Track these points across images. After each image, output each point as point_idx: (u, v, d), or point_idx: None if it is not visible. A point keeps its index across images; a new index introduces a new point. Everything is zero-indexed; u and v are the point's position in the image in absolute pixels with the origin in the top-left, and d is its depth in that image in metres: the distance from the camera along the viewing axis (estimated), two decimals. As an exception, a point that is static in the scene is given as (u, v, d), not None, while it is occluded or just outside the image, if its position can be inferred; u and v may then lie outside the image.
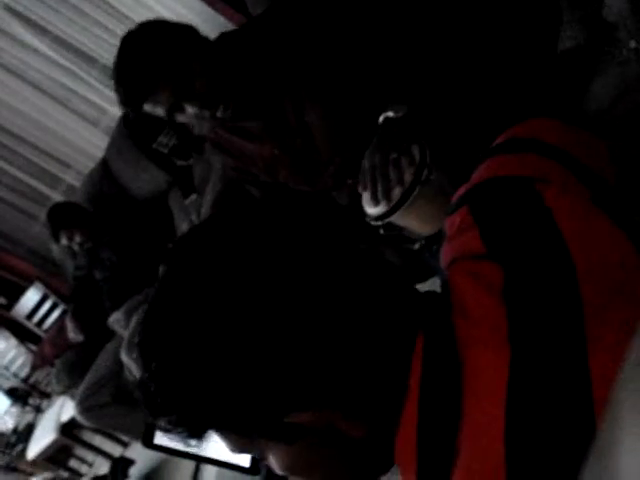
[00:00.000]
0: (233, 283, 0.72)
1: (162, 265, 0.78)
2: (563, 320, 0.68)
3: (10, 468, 6.37)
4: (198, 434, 0.78)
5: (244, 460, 1.87)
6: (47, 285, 5.67)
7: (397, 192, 1.43)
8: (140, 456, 4.84)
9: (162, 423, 0.77)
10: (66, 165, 5.55)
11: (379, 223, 1.47)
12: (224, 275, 0.73)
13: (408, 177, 1.42)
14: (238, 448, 0.82)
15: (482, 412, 0.66)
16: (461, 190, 0.94)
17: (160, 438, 1.80)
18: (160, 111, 1.62)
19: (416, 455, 0.71)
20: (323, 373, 0.72)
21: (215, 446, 1.83)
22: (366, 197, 1.49)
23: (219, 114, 1.63)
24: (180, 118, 1.64)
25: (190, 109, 1.60)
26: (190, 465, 2.28)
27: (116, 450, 5.34)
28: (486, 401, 0.66)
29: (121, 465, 4.64)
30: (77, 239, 4.01)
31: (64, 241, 4.03)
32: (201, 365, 0.71)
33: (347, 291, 0.75)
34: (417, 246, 1.71)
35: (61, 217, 4.04)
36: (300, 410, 0.72)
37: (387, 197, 1.43)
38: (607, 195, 0.85)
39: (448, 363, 0.71)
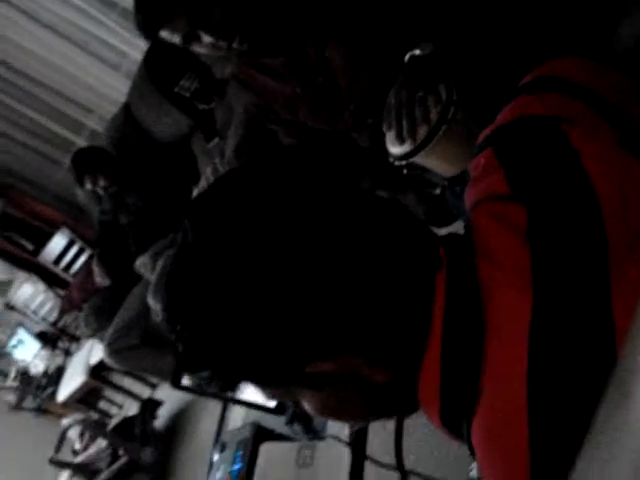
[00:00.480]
0: (257, 230, 0.72)
1: (187, 214, 0.77)
2: (587, 260, 0.67)
3: (41, 410, 6.52)
4: (230, 386, 0.80)
5: (270, 400, 1.90)
6: (73, 230, 5.72)
7: (423, 131, 1.41)
8: (168, 397, 4.93)
9: (195, 378, 0.78)
10: (88, 110, 5.55)
11: (403, 163, 1.46)
12: (248, 222, 0.72)
13: (434, 116, 1.41)
14: (271, 396, 0.83)
15: (505, 352, 0.66)
16: (486, 131, 0.93)
17: (188, 379, 1.83)
18: (177, 39, 1.62)
19: (439, 395, 0.71)
20: (344, 319, 0.72)
21: (243, 386, 1.86)
22: (390, 136, 1.48)
23: (235, 45, 1.62)
24: (196, 48, 1.64)
25: (206, 38, 1.59)
26: (218, 405, 2.32)
27: (145, 392, 5.44)
28: (509, 341, 0.66)
29: (150, 406, 4.72)
30: (101, 183, 4.01)
31: (88, 186, 4.04)
32: (226, 314, 0.72)
33: (366, 235, 0.75)
34: (438, 191, 1.70)
35: (85, 162, 4.03)
36: (322, 359, 0.73)
37: (412, 136, 1.42)
38: (635, 135, 0.83)
39: (471, 304, 0.71)
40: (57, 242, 5.75)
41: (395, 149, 1.47)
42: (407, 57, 1.51)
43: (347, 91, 1.75)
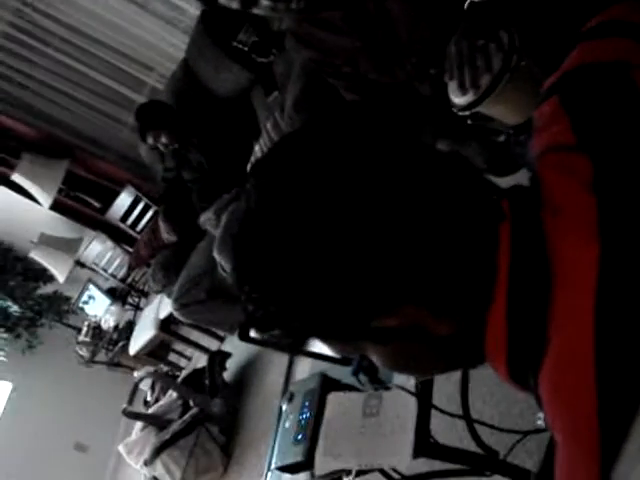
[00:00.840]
0: (320, 189, 0.72)
1: (250, 176, 0.78)
2: None
3: (114, 364, 6.71)
4: (298, 342, 0.81)
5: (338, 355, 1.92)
6: (138, 188, 5.82)
7: (485, 80, 1.39)
8: (236, 349, 5.01)
9: (264, 334, 0.79)
10: (149, 68, 5.59)
11: (466, 113, 1.44)
12: (311, 182, 0.73)
13: (497, 64, 1.38)
14: (339, 351, 0.84)
15: (572, 303, 0.66)
16: (552, 78, 0.90)
17: (256, 333, 1.86)
18: (235, 4, 1.61)
19: (506, 347, 0.71)
20: (406, 269, 0.72)
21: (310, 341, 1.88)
22: (453, 86, 1.45)
23: (293, 6, 1.60)
24: (255, 11, 1.62)
25: (264, 2, 1.58)
26: (285, 357, 2.35)
27: (213, 344, 5.54)
28: (576, 292, 0.66)
29: (218, 358, 4.81)
30: (163, 140, 4.05)
31: (151, 141, 4.08)
32: (293, 273, 0.72)
33: (428, 188, 0.74)
34: (503, 138, 1.67)
35: (148, 117, 4.08)
36: (387, 313, 0.73)
37: (475, 85, 1.39)
38: None
39: (536, 255, 0.70)
40: (123, 200, 5.85)
41: (458, 99, 1.45)
42: (467, 4, 1.48)
43: (408, 42, 1.72)
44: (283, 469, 1.83)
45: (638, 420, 0.38)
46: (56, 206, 6.34)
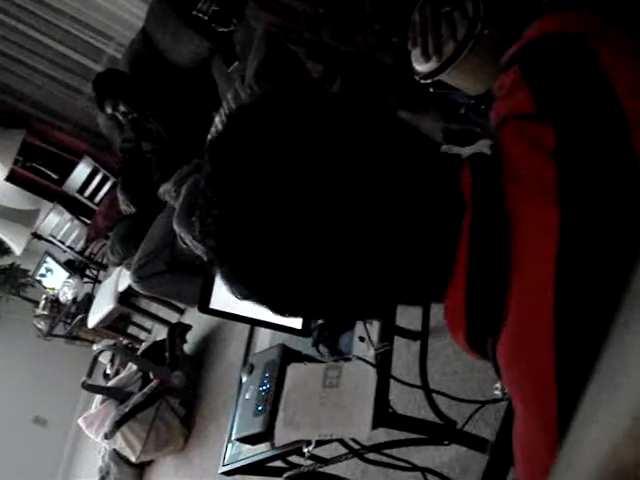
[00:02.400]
0: (276, 157, 0.72)
1: (207, 150, 0.77)
2: (615, 179, 0.66)
3: (72, 337, 6.66)
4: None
5: (297, 323, 1.92)
6: (96, 159, 5.73)
7: (449, 48, 1.38)
8: (196, 322, 5.01)
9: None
10: (107, 37, 5.49)
11: (429, 81, 1.43)
12: (265, 157, 0.72)
13: (461, 32, 1.37)
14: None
15: (532, 270, 0.66)
16: (513, 48, 0.91)
17: (215, 303, 1.86)
18: None
19: (465, 312, 0.72)
20: (366, 235, 0.73)
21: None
22: (416, 54, 1.44)
23: None
24: None
25: None
26: (245, 328, 2.35)
27: (173, 317, 5.53)
28: (536, 259, 0.66)
29: (178, 330, 4.80)
30: (121, 108, 4.00)
31: (108, 110, 4.03)
32: (251, 243, 0.72)
33: (387, 158, 0.74)
34: (463, 110, 1.67)
35: (106, 86, 4.02)
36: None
37: (438, 53, 1.38)
38: None
39: (497, 222, 0.70)
40: (81, 171, 5.76)
41: (421, 67, 1.43)
42: None
43: (371, 10, 1.70)
44: (243, 440, 1.83)
45: (589, 386, 0.38)
46: (12, 177, 6.24)
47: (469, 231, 0.72)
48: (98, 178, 5.72)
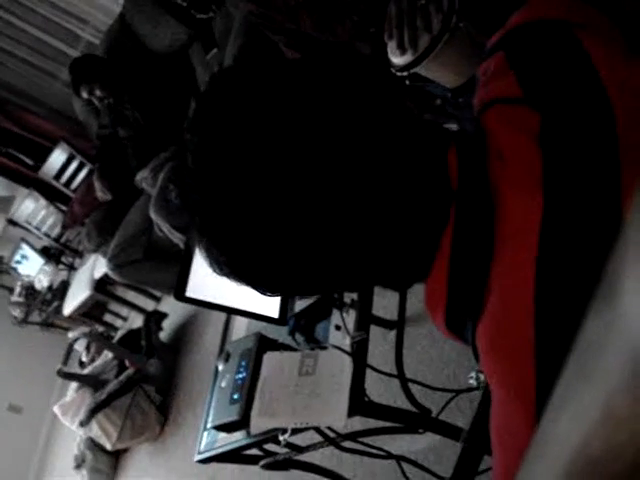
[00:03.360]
0: (260, 119, 0.71)
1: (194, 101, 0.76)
2: (598, 165, 0.67)
3: (48, 324, 6.62)
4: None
5: (273, 311, 1.92)
6: (72, 145, 5.67)
7: (425, 40, 1.38)
8: (173, 310, 5.00)
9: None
10: (84, 21, 5.43)
11: (404, 73, 1.43)
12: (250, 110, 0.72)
13: (436, 25, 1.37)
14: None
15: (514, 254, 0.67)
16: (496, 35, 0.91)
17: (192, 291, 1.85)
18: None
19: (446, 293, 0.72)
20: (353, 214, 0.72)
21: (245, 298, 1.87)
22: (392, 46, 1.44)
23: None
24: None
25: None
26: (221, 317, 2.35)
27: (149, 305, 5.52)
28: (518, 244, 0.66)
29: (154, 318, 4.80)
30: (97, 93, 3.96)
31: (85, 95, 3.99)
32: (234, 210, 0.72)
33: (377, 132, 0.74)
34: (439, 101, 1.68)
35: (82, 70, 3.98)
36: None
37: (414, 46, 1.38)
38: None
39: (481, 205, 0.71)
40: (57, 157, 5.71)
41: (397, 59, 1.44)
42: None
43: (350, 0, 1.70)
44: (219, 428, 1.83)
45: (562, 376, 0.38)
46: (-14, 163, 6.16)
47: (454, 213, 0.73)
48: (74, 164, 5.66)
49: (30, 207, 6.25)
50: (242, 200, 0.71)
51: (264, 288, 0.79)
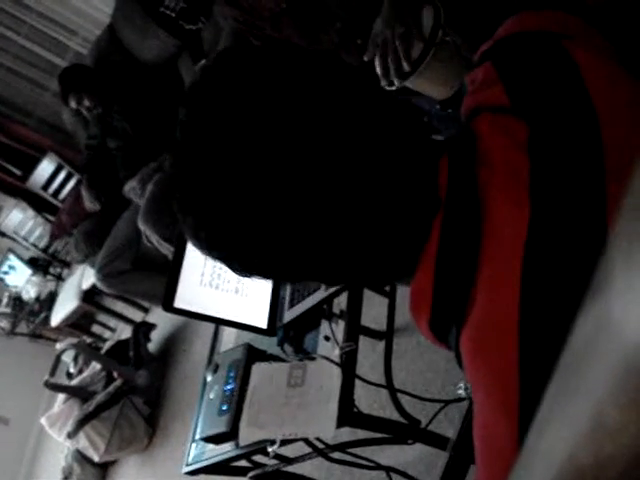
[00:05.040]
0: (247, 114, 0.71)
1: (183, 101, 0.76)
2: (585, 175, 0.67)
3: (35, 335, 6.58)
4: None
5: (262, 322, 1.92)
6: (61, 156, 5.66)
7: (414, 54, 1.39)
8: (161, 321, 4.98)
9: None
10: (72, 32, 5.44)
11: (393, 88, 1.44)
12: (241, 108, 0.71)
13: (418, 47, 1.39)
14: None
15: (499, 263, 0.67)
16: (484, 46, 0.92)
17: (180, 302, 1.84)
18: None
19: (431, 298, 0.72)
20: (337, 217, 0.72)
21: (234, 309, 1.87)
22: (378, 63, 1.45)
23: None
24: None
25: None
26: (210, 327, 2.34)
27: (137, 316, 5.49)
28: (504, 252, 0.67)
29: (143, 329, 4.78)
30: (86, 103, 3.96)
31: (73, 104, 3.99)
32: (225, 193, 0.72)
33: (370, 131, 0.74)
34: (425, 119, 1.69)
35: (71, 80, 3.97)
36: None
37: (400, 76, 1.40)
38: (629, 52, 0.83)
39: (469, 212, 0.71)
40: (45, 168, 5.69)
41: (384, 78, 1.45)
42: None
43: (334, 8, 1.71)
44: (207, 440, 1.82)
45: (549, 387, 0.38)
46: (-26, 173, 6.14)
47: (441, 220, 0.73)
48: (62, 175, 5.65)
49: (18, 217, 6.23)
50: (224, 177, 0.71)
51: (241, 266, 0.78)
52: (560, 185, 0.67)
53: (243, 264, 0.78)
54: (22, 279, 6.47)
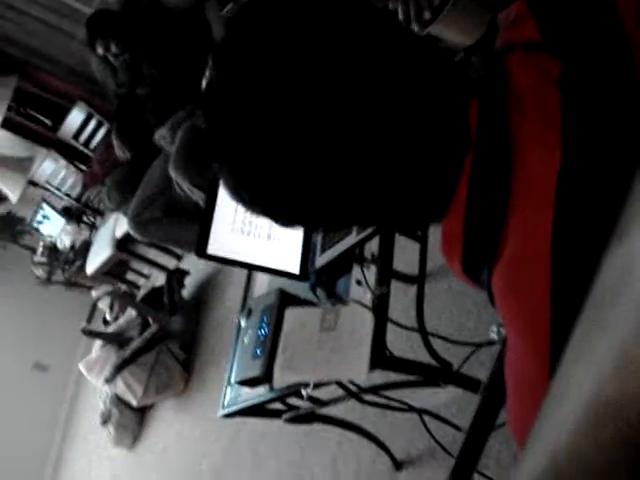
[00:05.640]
0: (284, 52, 0.72)
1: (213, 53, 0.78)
2: (619, 112, 0.66)
3: (71, 283, 6.68)
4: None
5: (294, 267, 1.93)
6: (90, 105, 5.68)
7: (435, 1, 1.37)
8: (194, 268, 5.02)
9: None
10: (99, -21, 5.39)
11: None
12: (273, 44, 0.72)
13: None
14: None
15: (532, 201, 0.66)
16: None
17: (213, 248, 1.86)
18: None
19: (463, 239, 0.72)
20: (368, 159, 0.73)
21: (266, 255, 1.88)
22: (400, 11, 1.43)
23: None
24: None
25: None
26: (243, 273, 2.36)
27: (171, 263, 5.55)
28: (536, 191, 0.66)
29: (177, 276, 4.82)
30: (113, 49, 3.94)
31: (100, 51, 3.97)
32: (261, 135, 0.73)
33: (399, 70, 0.74)
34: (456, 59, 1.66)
35: (98, 25, 3.96)
36: None
37: (419, 20, 1.37)
38: None
39: (500, 152, 0.71)
40: (75, 117, 5.72)
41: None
42: None
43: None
44: (242, 383, 1.85)
45: (579, 321, 0.38)
46: (6, 124, 6.17)
47: (472, 158, 0.73)
48: (93, 124, 5.67)
49: (50, 168, 6.28)
50: (262, 125, 0.72)
51: (282, 217, 0.80)
52: (593, 122, 0.66)
53: (283, 215, 0.79)
54: (56, 228, 6.55)
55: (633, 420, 0.33)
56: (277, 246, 1.90)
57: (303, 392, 1.65)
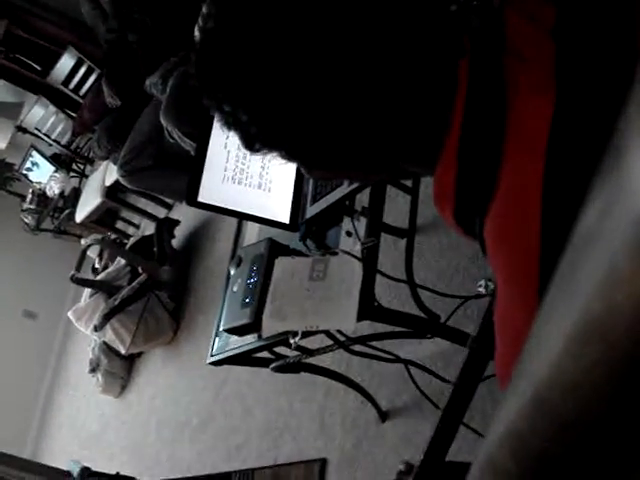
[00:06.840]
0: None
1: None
2: (613, 62, 0.65)
3: (60, 231, 6.66)
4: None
5: (284, 217, 1.92)
6: (81, 50, 5.60)
7: None
8: (185, 217, 5.02)
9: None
10: None
11: None
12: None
13: None
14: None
15: (523, 151, 0.66)
16: None
17: (203, 197, 1.85)
18: None
19: (454, 187, 0.72)
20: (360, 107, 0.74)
21: (257, 204, 1.87)
22: None
23: None
24: None
25: None
26: (233, 223, 2.35)
27: (161, 212, 5.53)
28: (528, 141, 0.66)
29: (166, 225, 4.81)
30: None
31: None
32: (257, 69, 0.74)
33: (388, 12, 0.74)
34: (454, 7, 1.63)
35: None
36: None
37: None
38: None
39: (493, 99, 0.70)
40: (65, 62, 5.64)
41: None
42: None
43: None
44: (231, 331, 1.86)
45: (571, 239, 0.40)
46: (-6, 68, 6.10)
47: (465, 102, 0.72)
48: (83, 70, 5.60)
49: (39, 113, 6.22)
50: (260, 45, 0.73)
51: (287, 153, 0.81)
52: (586, 70, 0.66)
53: (288, 149, 0.81)
54: (45, 176, 6.51)
55: (620, 334, 0.34)
56: (268, 196, 1.89)
57: (291, 341, 1.66)
